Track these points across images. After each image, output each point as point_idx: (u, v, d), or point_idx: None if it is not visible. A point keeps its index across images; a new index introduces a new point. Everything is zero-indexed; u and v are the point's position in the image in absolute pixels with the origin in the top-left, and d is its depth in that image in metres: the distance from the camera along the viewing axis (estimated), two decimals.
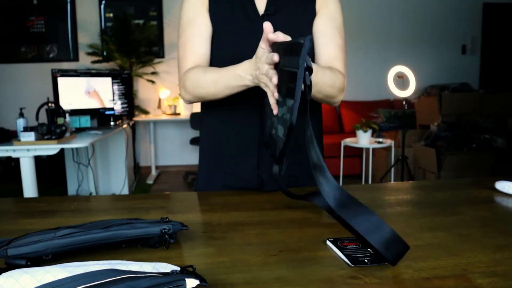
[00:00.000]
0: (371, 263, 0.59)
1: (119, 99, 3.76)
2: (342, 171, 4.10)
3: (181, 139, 5.46)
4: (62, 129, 2.58)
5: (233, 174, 1.06)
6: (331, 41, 1.04)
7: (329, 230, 0.73)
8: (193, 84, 0.98)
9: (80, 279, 0.44)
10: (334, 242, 0.66)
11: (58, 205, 0.92)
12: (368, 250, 0.63)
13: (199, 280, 0.48)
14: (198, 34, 1.03)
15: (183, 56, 1.04)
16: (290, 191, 0.86)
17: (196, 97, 1.01)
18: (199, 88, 0.97)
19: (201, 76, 0.96)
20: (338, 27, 1.06)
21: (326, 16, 1.05)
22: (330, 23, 1.05)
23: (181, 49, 1.05)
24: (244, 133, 1.04)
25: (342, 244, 0.66)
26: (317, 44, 1.05)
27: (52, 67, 3.70)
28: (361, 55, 5.57)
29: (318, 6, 1.05)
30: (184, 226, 0.66)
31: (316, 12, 1.05)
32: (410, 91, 3.83)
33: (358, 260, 0.60)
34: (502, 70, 5.90)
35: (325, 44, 1.04)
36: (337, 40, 1.05)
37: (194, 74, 0.98)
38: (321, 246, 0.67)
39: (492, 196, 0.96)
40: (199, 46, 1.03)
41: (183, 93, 1.03)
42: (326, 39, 1.04)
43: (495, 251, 0.64)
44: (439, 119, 4.01)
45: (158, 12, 5.25)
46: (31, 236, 0.59)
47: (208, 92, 0.96)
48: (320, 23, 1.05)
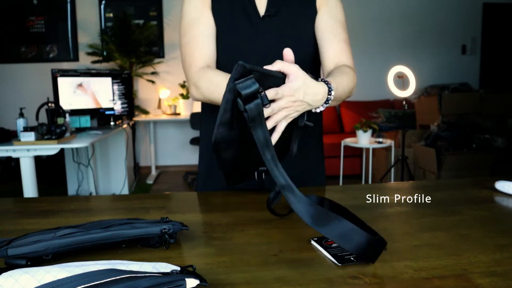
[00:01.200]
0: (357, 260, 0.60)
1: (119, 99, 3.76)
2: (342, 171, 4.10)
3: (181, 139, 5.46)
4: (62, 129, 2.58)
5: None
6: (335, 36, 1.04)
7: None
8: (209, 87, 0.94)
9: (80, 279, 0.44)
10: (318, 242, 0.67)
11: (58, 205, 0.92)
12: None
13: (199, 280, 0.48)
14: (204, 33, 1.01)
15: (191, 54, 1.01)
16: (275, 211, 0.82)
17: (209, 99, 0.97)
18: (215, 93, 0.93)
19: (221, 80, 0.92)
20: (341, 22, 1.06)
21: (327, 13, 1.05)
22: (331, 18, 1.05)
23: (187, 47, 1.02)
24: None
25: (326, 243, 0.66)
26: (322, 40, 1.04)
27: (52, 67, 3.71)
28: (361, 55, 5.57)
29: (319, 4, 1.05)
30: (184, 226, 0.66)
31: (317, 11, 1.05)
32: (410, 91, 3.83)
33: (345, 259, 0.60)
34: (502, 70, 5.90)
35: (329, 39, 1.04)
36: (341, 34, 1.05)
37: (212, 76, 0.94)
38: None
39: (492, 196, 0.96)
40: (206, 44, 1.01)
41: (195, 92, 0.99)
42: (329, 35, 1.04)
43: (495, 251, 0.64)
44: (439, 119, 4.01)
45: (158, 12, 5.24)
46: (31, 236, 0.59)
47: (219, 93, 0.92)
48: (321, 21, 1.05)
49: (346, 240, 0.58)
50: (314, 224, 0.59)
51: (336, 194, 1.01)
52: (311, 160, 1.12)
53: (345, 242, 0.58)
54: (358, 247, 0.57)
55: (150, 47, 5.16)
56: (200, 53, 1.00)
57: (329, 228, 0.59)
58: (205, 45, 1.01)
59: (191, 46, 1.01)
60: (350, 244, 0.58)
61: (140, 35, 4.82)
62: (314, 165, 1.14)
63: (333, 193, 1.03)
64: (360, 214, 0.83)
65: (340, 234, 0.58)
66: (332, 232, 0.58)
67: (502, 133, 3.90)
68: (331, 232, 0.58)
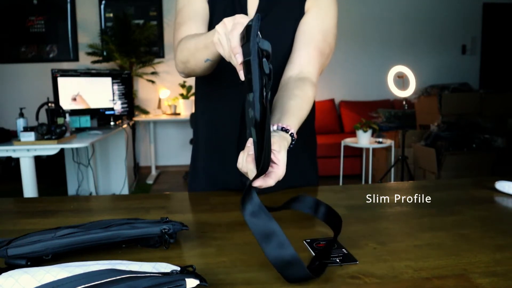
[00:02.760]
0: (342, 263, 0.60)
1: (119, 99, 3.76)
2: (342, 171, 4.10)
3: (181, 139, 5.46)
4: (62, 129, 2.58)
5: (216, 175, 1.07)
6: (311, 42, 0.96)
7: (329, 230, 0.73)
8: (181, 47, 0.93)
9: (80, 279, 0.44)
10: (310, 244, 0.67)
11: (58, 205, 0.92)
12: (342, 250, 0.64)
13: (199, 280, 0.48)
14: (194, 14, 1.00)
15: (177, 31, 1.00)
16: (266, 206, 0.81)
17: (182, 62, 0.94)
18: (183, 51, 0.91)
19: (189, 38, 0.91)
20: (324, 30, 0.97)
21: (314, 16, 0.98)
22: (315, 24, 0.97)
23: (176, 28, 1.01)
24: (229, 135, 1.02)
25: (317, 245, 0.66)
26: (296, 42, 0.97)
27: (52, 67, 3.70)
28: (361, 55, 5.57)
29: (308, 6, 0.99)
30: (184, 226, 0.66)
31: (305, 12, 1.00)
32: (410, 91, 3.83)
33: (331, 261, 0.60)
34: (502, 70, 5.89)
35: (303, 43, 0.96)
36: (318, 42, 0.96)
37: (185, 38, 0.93)
38: None
39: (492, 196, 0.96)
40: (194, 22, 0.99)
41: (176, 62, 0.97)
42: (306, 38, 0.96)
43: (495, 251, 0.64)
44: (439, 119, 4.01)
45: (158, 12, 5.24)
46: (31, 236, 0.59)
47: (190, 53, 0.89)
48: (304, 21, 0.98)
49: (267, 241, 0.55)
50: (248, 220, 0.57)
51: (336, 194, 1.01)
52: (301, 160, 1.08)
53: (265, 244, 0.55)
54: (282, 261, 0.54)
55: (150, 47, 5.16)
56: (187, 28, 0.98)
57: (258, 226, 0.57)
58: (193, 22, 0.98)
59: (180, 24, 1.00)
60: (273, 252, 0.55)
61: (140, 35, 4.82)
62: (304, 165, 1.11)
63: (333, 193, 1.03)
64: (360, 214, 0.83)
65: (262, 233, 0.56)
66: (257, 229, 0.56)
67: (502, 133, 3.90)
68: (256, 230, 0.56)
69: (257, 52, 0.56)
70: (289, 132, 0.76)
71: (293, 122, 0.79)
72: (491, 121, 3.99)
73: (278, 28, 1.00)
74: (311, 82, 0.93)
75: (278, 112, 0.82)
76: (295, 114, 0.82)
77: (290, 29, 1.00)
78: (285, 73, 0.96)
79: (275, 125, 0.77)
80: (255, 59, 0.56)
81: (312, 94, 0.91)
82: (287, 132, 0.76)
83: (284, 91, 0.89)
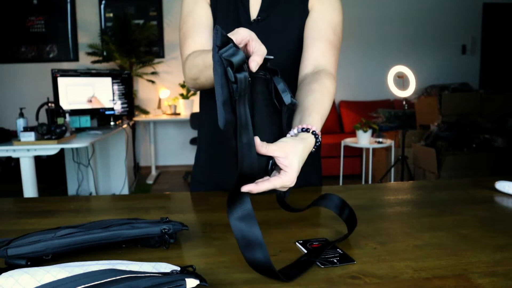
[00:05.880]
0: (340, 263, 0.60)
1: (119, 99, 3.76)
2: (342, 171, 4.10)
3: (181, 139, 5.46)
4: (62, 129, 2.58)
5: (217, 175, 1.07)
6: (321, 36, 0.96)
7: (329, 230, 0.73)
8: (189, 65, 0.93)
9: (80, 279, 0.44)
10: (303, 244, 0.67)
11: (58, 205, 0.92)
12: (337, 250, 0.64)
13: (199, 280, 0.48)
14: (198, 23, 1.00)
15: (184, 44, 1.00)
16: (291, 206, 0.78)
17: (192, 79, 0.93)
18: (192, 69, 0.91)
19: (196, 55, 0.90)
20: (332, 23, 0.98)
21: (319, 12, 0.99)
22: (322, 18, 0.98)
23: (182, 39, 1.02)
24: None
25: (311, 246, 0.66)
26: (306, 39, 0.98)
27: (52, 67, 3.71)
28: (361, 55, 5.57)
29: (311, 4, 1.00)
30: (184, 226, 0.66)
31: (308, 11, 1.01)
32: (410, 91, 3.83)
33: (329, 261, 0.60)
34: (502, 70, 5.90)
35: (313, 38, 0.96)
36: (328, 35, 0.96)
37: (192, 55, 0.93)
38: None
39: (492, 196, 0.96)
40: (199, 34, 0.99)
41: (185, 79, 0.98)
42: (315, 34, 0.96)
43: (495, 251, 0.64)
44: (439, 119, 4.01)
45: (158, 12, 5.24)
46: (31, 236, 0.59)
47: (198, 69, 0.87)
48: (310, 19, 0.99)
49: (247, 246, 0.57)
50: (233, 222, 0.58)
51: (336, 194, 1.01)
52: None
53: (245, 248, 0.57)
54: (254, 262, 0.56)
55: (150, 47, 5.16)
56: (192, 42, 0.99)
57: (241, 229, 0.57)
58: (197, 35, 0.99)
59: (184, 38, 1.00)
60: (248, 253, 0.56)
61: (140, 35, 4.82)
62: (306, 165, 1.11)
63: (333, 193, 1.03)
64: (360, 214, 0.83)
65: (245, 239, 0.57)
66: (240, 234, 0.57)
67: (502, 133, 3.90)
68: (239, 235, 0.57)
69: (219, 62, 0.56)
70: (311, 131, 0.72)
71: (314, 119, 0.75)
72: (491, 121, 3.99)
73: (281, 27, 1.00)
74: (328, 73, 0.90)
75: (298, 112, 0.78)
76: (315, 109, 0.78)
77: (293, 27, 1.00)
78: (300, 72, 0.95)
79: (295, 128, 0.72)
80: (216, 68, 0.56)
81: (330, 84, 0.87)
82: (308, 132, 0.71)
83: (301, 90, 0.86)
